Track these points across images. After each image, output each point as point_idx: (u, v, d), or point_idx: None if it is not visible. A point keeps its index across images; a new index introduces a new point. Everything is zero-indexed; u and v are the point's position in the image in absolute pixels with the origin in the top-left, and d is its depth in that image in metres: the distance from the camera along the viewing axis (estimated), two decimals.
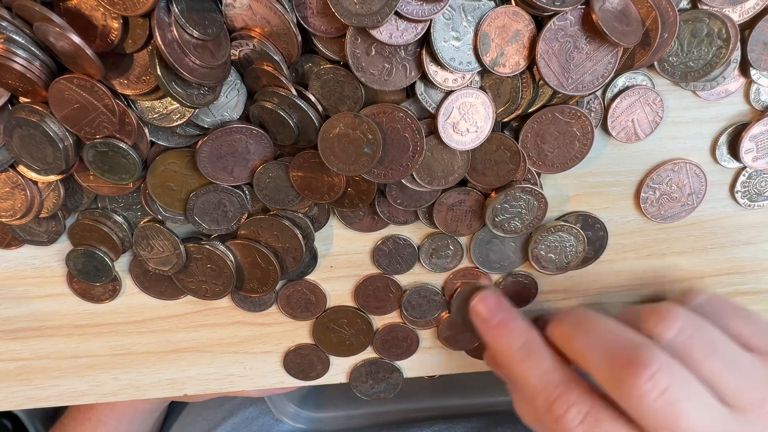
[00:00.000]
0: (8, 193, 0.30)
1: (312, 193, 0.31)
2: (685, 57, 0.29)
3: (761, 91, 0.31)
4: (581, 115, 0.29)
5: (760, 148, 0.32)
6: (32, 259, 0.34)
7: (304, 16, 0.26)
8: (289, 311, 0.36)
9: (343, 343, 0.37)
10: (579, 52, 0.27)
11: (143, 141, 0.29)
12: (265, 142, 0.29)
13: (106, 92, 0.26)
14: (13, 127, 0.27)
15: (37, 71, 0.25)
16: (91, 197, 0.31)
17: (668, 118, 0.31)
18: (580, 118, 0.29)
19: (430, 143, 0.29)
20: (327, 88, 0.28)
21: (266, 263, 0.33)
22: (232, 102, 0.28)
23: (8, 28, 0.24)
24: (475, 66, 0.27)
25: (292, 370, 0.38)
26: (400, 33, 0.26)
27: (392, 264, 0.34)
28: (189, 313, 0.36)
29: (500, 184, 0.31)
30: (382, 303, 0.36)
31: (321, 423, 0.53)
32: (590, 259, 0.35)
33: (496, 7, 0.27)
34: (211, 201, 0.31)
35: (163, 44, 0.24)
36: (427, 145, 0.29)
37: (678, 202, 0.33)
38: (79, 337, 0.37)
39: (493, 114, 0.29)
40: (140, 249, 0.32)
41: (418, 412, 0.53)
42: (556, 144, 0.30)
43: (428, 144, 0.29)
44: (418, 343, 0.38)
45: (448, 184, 0.31)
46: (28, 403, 0.39)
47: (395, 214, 0.32)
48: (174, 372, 0.38)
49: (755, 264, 0.36)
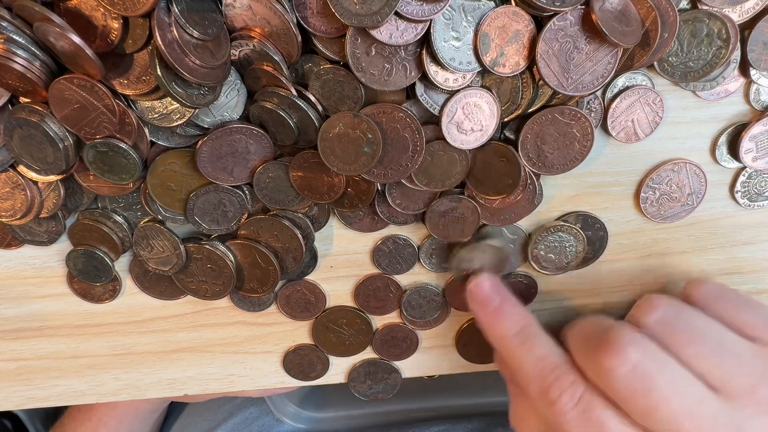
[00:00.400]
0: (8, 193, 0.30)
1: (312, 193, 0.31)
2: (684, 57, 0.29)
3: (761, 91, 0.31)
4: (581, 117, 0.29)
5: (760, 148, 0.32)
6: (32, 259, 0.34)
7: (304, 16, 0.26)
8: (289, 311, 0.36)
9: (342, 343, 0.37)
10: (579, 53, 0.27)
11: (143, 141, 0.29)
12: (265, 142, 0.29)
13: (106, 92, 0.26)
14: (13, 127, 0.27)
15: (37, 71, 0.25)
16: (91, 197, 0.31)
17: (668, 118, 0.31)
18: (580, 120, 0.29)
19: (432, 148, 0.29)
20: (327, 88, 0.28)
21: (266, 263, 0.33)
22: (232, 102, 0.28)
23: (8, 28, 0.24)
24: (475, 66, 0.27)
25: (292, 370, 0.38)
26: (400, 33, 0.26)
27: (392, 264, 0.34)
28: (189, 313, 0.36)
29: (496, 194, 0.31)
30: (381, 303, 0.36)
31: (321, 423, 0.53)
32: (590, 259, 0.35)
33: (496, 7, 0.27)
34: (211, 201, 0.31)
35: (163, 44, 0.24)
36: (428, 150, 0.29)
37: (678, 202, 0.33)
38: (79, 337, 0.37)
39: (498, 112, 0.28)
40: (140, 249, 0.32)
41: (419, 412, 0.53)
42: (556, 145, 0.30)
43: (429, 149, 0.29)
44: (417, 344, 0.38)
45: (445, 187, 0.31)
46: (28, 403, 0.39)
47: (395, 215, 0.32)
48: (174, 372, 0.38)
49: (755, 264, 0.36)
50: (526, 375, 0.30)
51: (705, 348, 0.27)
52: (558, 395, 0.28)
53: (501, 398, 0.53)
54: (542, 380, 0.29)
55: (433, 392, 0.54)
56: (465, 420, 0.50)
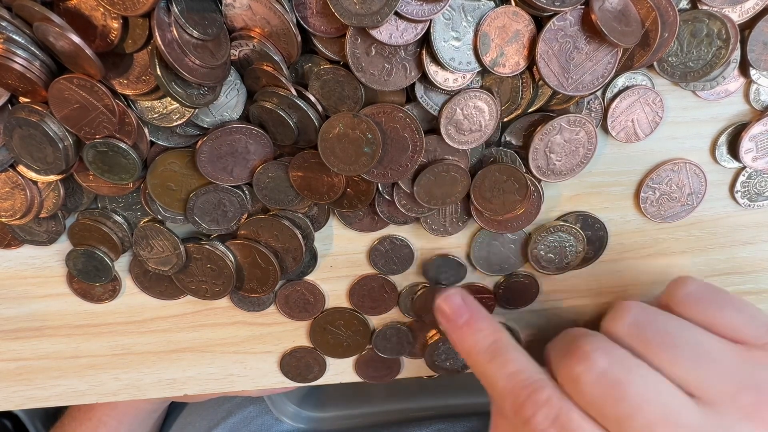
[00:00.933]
0: (8, 193, 0.30)
1: (312, 193, 0.31)
2: (684, 57, 0.29)
3: (761, 91, 0.31)
4: (586, 122, 0.29)
5: (760, 148, 0.32)
6: (32, 259, 0.34)
7: (304, 16, 0.26)
8: (288, 311, 0.36)
9: (340, 345, 0.37)
10: (579, 53, 0.27)
11: (143, 141, 0.29)
12: (264, 142, 0.29)
13: (106, 92, 0.26)
14: (13, 127, 0.27)
15: (37, 71, 0.25)
16: (91, 197, 0.31)
17: (668, 118, 0.31)
18: (585, 125, 0.29)
19: (435, 169, 0.30)
20: (327, 88, 0.28)
21: (266, 263, 0.33)
22: (232, 102, 0.28)
23: (8, 28, 0.24)
24: (475, 66, 0.27)
25: (290, 373, 0.38)
26: (400, 33, 0.26)
27: (388, 264, 0.34)
28: (189, 313, 0.36)
29: (504, 212, 0.31)
30: (376, 303, 0.36)
31: (321, 422, 0.53)
32: (590, 259, 0.35)
33: (496, 7, 0.27)
34: (211, 201, 0.31)
35: (162, 44, 0.24)
36: (430, 170, 0.30)
37: (678, 202, 0.33)
38: (79, 337, 0.37)
39: (497, 113, 0.29)
40: (140, 249, 0.32)
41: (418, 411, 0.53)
42: (563, 152, 0.30)
43: (433, 170, 0.30)
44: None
45: (446, 205, 0.31)
46: (28, 403, 0.39)
47: (395, 214, 0.32)
48: (174, 372, 0.38)
49: (755, 264, 0.36)
50: (499, 392, 0.28)
51: (680, 352, 0.26)
52: (532, 413, 0.26)
53: None
54: (515, 397, 0.27)
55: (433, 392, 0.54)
56: (464, 419, 0.50)
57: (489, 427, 0.31)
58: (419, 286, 0.35)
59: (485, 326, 0.30)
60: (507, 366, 0.28)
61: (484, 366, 0.29)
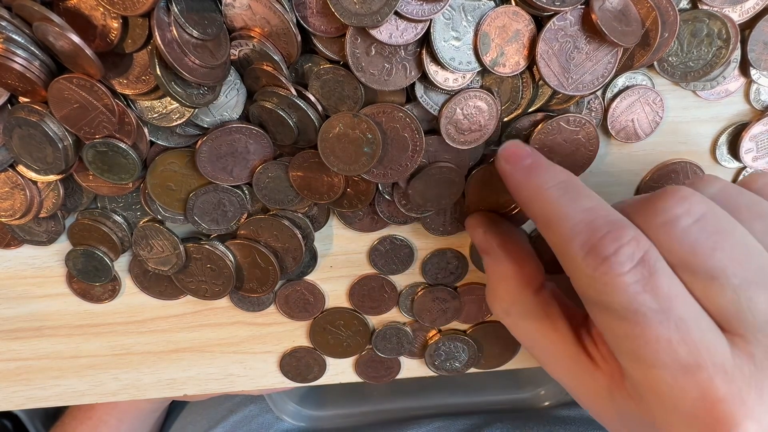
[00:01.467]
0: (8, 193, 0.30)
1: (311, 193, 0.31)
2: (685, 57, 0.29)
3: (761, 91, 0.31)
4: (586, 123, 0.29)
5: (760, 148, 0.32)
6: (32, 259, 0.34)
7: (304, 15, 0.26)
8: (287, 311, 0.36)
9: (340, 345, 0.37)
10: (579, 52, 0.27)
11: (143, 141, 0.29)
12: (264, 142, 0.29)
13: (105, 92, 0.26)
14: (12, 126, 0.27)
15: (37, 71, 0.25)
16: (91, 197, 0.31)
17: (668, 118, 0.31)
18: (585, 126, 0.29)
19: (430, 171, 0.29)
20: (327, 88, 0.28)
21: (266, 263, 0.33)
22: (232, 102, 0.28)
23: (8, 27, 0.24)
24: (475, 66, 0.27)
25: (290, 373, 0.38)
26: (400, 33, 0.26)
27: (388, 264, 0.34)
28: (189, 313, 0.36)
29: (497, 210, 0.31)
30: (376, 303, 0.36)
31: (321, 421, 0.53)
32: None
33: (496, 7, 0.27)
34: (211, 201, 0.31)
35: (162, 44, 0.24)
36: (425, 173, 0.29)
37: None
38: (79, 337, 0.37)
39: (498, 113, 0.28)
40: (140, 249, 0.32)
41: (418, 410, 0.53)
42: (563, 153, 0.30)
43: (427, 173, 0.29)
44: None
45: (440, 207, 0.31)
46: (28, 403, 0.39)
47: (395, 214, 0.32)
48: (174, 372, 0.38)
49: None
50: (569, 227, 0.23)
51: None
52: (614, 250, 0.21)
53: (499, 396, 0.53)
54: (592, 232, 0.22)
55: (432, 390, 0.54)
56: (463, 416, 0.50)
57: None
58: (419, 286, 0.35)
59: (554, 167, 0.26)
60: (582, 200, 0.24)
61: (553, 203, 0.24)
